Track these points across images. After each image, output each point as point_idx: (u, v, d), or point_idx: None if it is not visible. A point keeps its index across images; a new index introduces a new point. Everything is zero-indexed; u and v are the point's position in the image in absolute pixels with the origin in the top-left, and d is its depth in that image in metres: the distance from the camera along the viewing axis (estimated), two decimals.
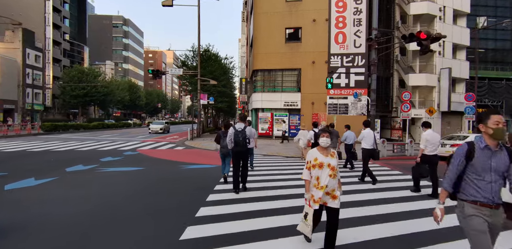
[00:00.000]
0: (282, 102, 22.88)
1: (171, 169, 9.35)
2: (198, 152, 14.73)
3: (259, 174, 8.67)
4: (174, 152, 14.46)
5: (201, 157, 12.71)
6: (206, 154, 14.04)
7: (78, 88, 45.12)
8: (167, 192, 6.40)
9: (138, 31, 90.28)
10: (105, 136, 24.44)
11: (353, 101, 21.76)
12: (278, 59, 22.85)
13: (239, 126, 6.30)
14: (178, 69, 24.87)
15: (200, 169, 9.59)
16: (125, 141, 19.88)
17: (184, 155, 13.27)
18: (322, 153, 3.46)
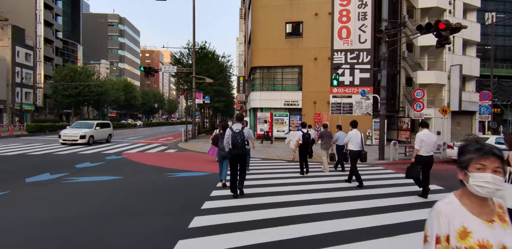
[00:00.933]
0: (282, 101, 21.52)
1: (155, 178, 7.94)
2: (191, 156, 13.33)
3: (256, 178, 7.29)
4: (163, 156, 13.03)
5: (193, 162, 11.31)
6: (200, 158, 12.63)
7: (70, 87, 43.56)
8: (144, 211, 4.99)
9: (135, 30, 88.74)
10: None
11: (358, 100, 20.44)
12: (278, 55, 21.48)
13: (236, 127, 5.89)
14: (172, 66, 23.45)
15: (191, 177, 8.18)
16: (113, 143, 18.46)
17: (175, 160, 11.85)
18: (477, 213, 1.36)
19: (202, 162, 11.34)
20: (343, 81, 20.77)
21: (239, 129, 5.85)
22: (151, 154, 13.68)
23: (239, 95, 28.67)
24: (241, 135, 5.77)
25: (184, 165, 10.46)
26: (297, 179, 8.13)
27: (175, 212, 4.98)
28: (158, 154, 13.79)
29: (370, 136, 20.15)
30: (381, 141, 13.58)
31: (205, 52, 29.80)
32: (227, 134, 5.89)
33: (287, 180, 7.93)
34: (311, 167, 10.24)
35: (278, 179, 8.08)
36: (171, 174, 8.49)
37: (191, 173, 8.83)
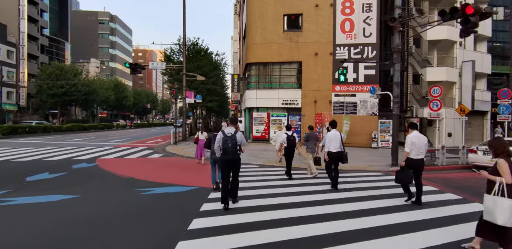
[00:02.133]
0: (280, 100, 19.78)
1: (124, 198, 6.12)
2: (177, 163, 11.50)
3: (251, 186, 5.54)
4: (145, 163, 11.18)
5: (178, 171, 9.49)
6: (188, 165, 10.82)
7: (56, 86, 41.29)
8: None
9: (126, 28, 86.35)
10: (75, 140, 21.01)
11: (363, 98, 18.80)
12: (275, 50, 19.75)
13: (228, 130, 5.43)
14: (160, 63, 21.58)
15: (172, 195, 6.38)
16: (93, 147, 16.54)
17: (157, 168, 10.02)
18: None
19: (189, 170, 9.54)
20: (347, 78, 19.07)
21: (232, 133, 5.37)
22: (130, 160, 11.81)
23: (233, 94, 26.85)
24: (232, 140, 5.29)
25: (166, 175, 8.65)
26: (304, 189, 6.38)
27: None
28: (139, 160, 11.92)
29: (376, 138, 18.50)
30: (394, 144, 11.92)
31: (197, 49, 27.97)
32: (218, 137, 5.44)
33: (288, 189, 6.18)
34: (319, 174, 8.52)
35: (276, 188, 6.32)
36: (147, 191, 6.66)
37: (173, 188, 7.03)
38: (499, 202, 3.32)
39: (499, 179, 3.39)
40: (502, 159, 3.46)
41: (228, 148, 5.24)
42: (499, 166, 3.44)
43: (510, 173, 3.35)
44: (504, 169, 3.37)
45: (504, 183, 3.37)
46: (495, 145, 3.60)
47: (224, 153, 5.30)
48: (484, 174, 3.62)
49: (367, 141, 18.76)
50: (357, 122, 18.69)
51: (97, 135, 26.62)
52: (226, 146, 5.25)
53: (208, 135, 6.97)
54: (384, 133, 18.70)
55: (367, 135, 18.73)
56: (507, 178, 3.34)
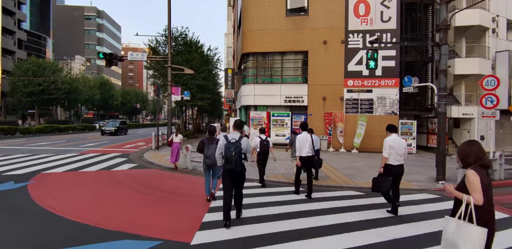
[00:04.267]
0: (282, 97, 16.73)
1: None
2: (150, 179, 8.32)
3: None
4: (101, 182, 7.96)
5: (143, 200, 6.32)
6: (163, 185, 7.67)
7: (32, 84, 37.64)
8: None
9: (115, 24, 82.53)
10: (38, 145, 17.71)
11: (380, 95, 15.87)
12: (277, 38, 16.71)
13: (232, 136, 4.73)
14: (141, 54, 18.34)
15: None
16: (51, 154, 13.30)
17: (112, 193, 6.84)
18: None
19: (161, 197, 6.39)
20: (361, 70, 16.15)
21: (236, 139, 4.66)
22: (83, 176, 8.60)
23: (227, 91, 23.71)
24: (236, 147, 4.55)
25: (119, 212, 5.47)
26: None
27: None
28: (96, 176, 8.71)
29: None
30: (440, 153, 8.93)
31: (186, 40, 24.80)
32: (220, 144, 4.75)
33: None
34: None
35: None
36: None
37: (124, 244, 3.91)
38: (464, 230, 2.45)
39: (466, 197, 2.46)
40: (472, 170, 2.50)
41: (231, 157, 4.55)
42: (467, 179, 2.49)
43: (481, 191, 2.43)
44: (474, 184, 2.46)
45: (472, 203, 2.44)
46: (466, 152, 2.63)
47: (227, 162, 4.63)
48: (448, 188, 2.67)
49: None
50: (374, 123, 15.74)
51: (71, 138, 23.23)
52: (229, 154, 4.57)
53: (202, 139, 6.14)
54: (406, 136, 15.77)
55: (385, 138, 15.75)
56: (477, 198, 2.44)
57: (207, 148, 5.89)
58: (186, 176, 9.01)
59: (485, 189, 2.48)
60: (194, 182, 8.01)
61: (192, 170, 9.93)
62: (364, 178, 8.83)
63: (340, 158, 13.32)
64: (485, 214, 2.48)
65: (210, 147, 5.81)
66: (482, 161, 2.56)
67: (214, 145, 5.65)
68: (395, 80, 15.82)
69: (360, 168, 10.78)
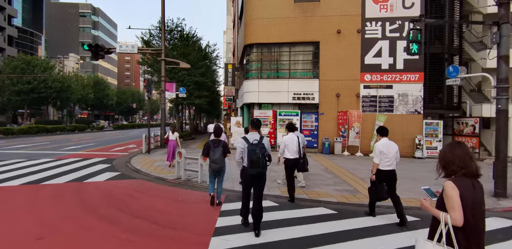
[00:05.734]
0: (290, 93, 14.82)
1: None
2: (131, 198, 6.35)
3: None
4: (60, 203, 5.97)
5: (119, 234, 4.37)
6: (153, 205, 5.72)
7: (21, 82, 35.61)
8: None
9: (111, 22, 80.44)
10: (17, 147, 15.82)
11: (402, 91, 13.99)
12: (284, 27, 14.80)
13: (252, 137, 4.37)
14: (131, 45, 16.43)
15: None
16: (23, 159, 11.37)
17: (69, 224, 4.89)
18: None
19: (142, 230, 4.44)
20: (380, 63, 14.26)
21: (257, 140, 4.29)
22: (43, 192, 6.64)
23: (227, 88, 21.75)
24: (261, 149, 4.22)
25: None
26: None
27: None
28: (59, 191, 6.75)
29: (420, 145, 13.65)
30: (500, 162, 7.03)
31: (182, 34, 22.87)
32: (241, 146, 4.37)
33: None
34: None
35: None
36: None
37: None
38: None
39: (443, 215, 2.02)
40: (450, 182, 2.06)
41: (258, 160, 4.15)
42: (444, 193, 2.05)
43: (461, 208, 1.97)
44: (452, 199, 2.00)
45: (450, 224, 1.99)
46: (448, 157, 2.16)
47: (253, 166, 4.18)
48: (424, 203, 2.20)
49: (408, 149, 13.92)
50: (394, 123, 13.85)
51: (57, 140, 21.23)
52: (255, 157, 4.15)
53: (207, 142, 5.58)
54: (431, 138, 13.88)
55: (408, 140, 13.90)
56: (454, 216, 1.98)
57: (212, 151, 5.41)
58: (177, 190, 7.06)
59: (469, 205, 1.97)
60: (187, 202, 6.08)
61: (186, 181, 8.00)
62: (409, 192, 6.95)
63: (360, 164, 11.39)
64: (467, 238, 1.97)
65: (215, 150, 5.40)
66: (467, 169, 2.07)
67: (220, 148, 5.39)
68: (418, 74, 13.93)
69: None
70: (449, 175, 2.14)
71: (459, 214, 1.97)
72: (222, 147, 5.50)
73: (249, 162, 4.23)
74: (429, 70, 14.38)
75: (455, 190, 2.01)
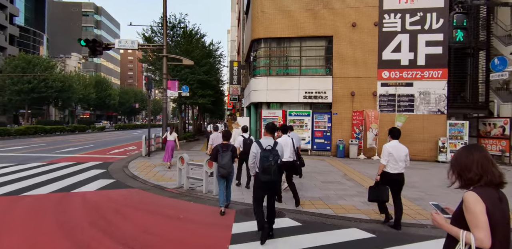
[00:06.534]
0: (301, 92, 13.73)
1: None
2: (121, 214, 5.29)
3: None
4: (34, 221, 4.93)
5: None
6: (147, 223, 4.67)
7: (21, 81, 34.83)
8: None
9: (114, 21, 79.81)
10: (10, 149, 15.03)
11: (423, 89, 12.86)
12: (294, 21, 13.73)
13: (266, 142, 4.20)
14: (130, 41, 15.42)
15: None
16: (13, 163, 10.48)
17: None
18: None
19: None
20: (399, 59, 13.13)
21: (271, 146, 4.10)
22: (20, 204, 5.63)
23: (233, 87, 20.70)
24: (274, 156, 3.99)
25: None
26: None
27: None
28: (39, 204, 5.73)
29: (444, 147, 12.50)
30: None
31: (185, 30, 21.85)
32: (254, 151, 4.18)
33: None
34: None
35: None
36: None
37: None
38: None
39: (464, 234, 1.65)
40: (473, 193, 1.68)
41: (270, 167, 3.92)
42: (465, 207, 1.68)
43: (488, 227, 1.60)
44: (476, 215, 1.63)
45: (473, 245, 1.60)
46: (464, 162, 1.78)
47: (265, 173, 3.96)
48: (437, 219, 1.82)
49: (431, 152, 12.79)
50: (415, 124, 12.75)
51: (54, 141, 20.31)
52: (267, 164, 3.93)
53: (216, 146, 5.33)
54: (455, 141, 12.71)
55: (430, 143, 12.76)
56: (480, 237, 1.60)
57: (221, 156, 5.19)
58: (178, 204, 6.01)
59: (497, 223, 1.62)
60: (189, 221, 5.02)
61: (189, 190, 6.96)
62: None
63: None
64: None
65: (224, 155, 5.17)
66: (489, 176, 1.70)
67: (228, 153, 5.17)
68: (442, 70, 12.78)
69: (422, 187, 7.75)
70: (466, 185, 1.77)
71: (486, 234, 1.60)
72: (231, 151, 5.23)
73: (260, 168, 4.04)
74: (452, 66, 13.22)
75: (480, 204, 1.65)
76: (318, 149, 13.67)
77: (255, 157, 4.21)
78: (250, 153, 4.26)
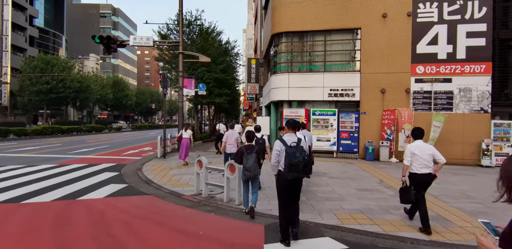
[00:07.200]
0: (326, 89, 12.72)
1: None
2: (130, 227, 4.48)
3: None
4: (28, 236, 4.23)
5: None
6: (159, 242, 3.85)
7: (40, 82, 35.20)
8: None
9: (130, 22, 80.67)
10: (24, 149, 14.67)
11: (464, 86, 11.60)
12: (318, 12, 12.75)
13: (290, 139, 3.99)
14: (146, 37, 14.80)
15: None
16: (23, 164, 9.99)
17: None
18: None
19: None
20: (436, 53, 11.92)
21: (296, 142, 3.90)
22: (17, 215, 4.93)
23: (251, 85, 19.85)
24: (301, 152, 3.82)
25: None
26: None
27: None
28: (38, 214, 5.02)
29: (489, 150, 11.21)
30: None
31: (202, 28, 21.18)
32: (278, 149, 3.97)
33: None
34: None
35: None
36: None
37: None
38: None
39: None
40: None
41: (298, 164, 3.76)
42: None
43: None
44: None
45: None
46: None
47: (292, 170, 3.78)
48: (484, 242, 1.49)
49: (472, 155, 11.52)
50: (454, 124, 11.52)
51: (69, 141, 20.05)
52: (295, 161, 3.76)
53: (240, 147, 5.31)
54: (501, 143, 11.39)
55: (471, 145, 11.49)
56: None
57: (245, 158, 5.02)
58: (197, 216, 5.18)
59: None
60: (210, 239, 4.15)
61: (208, 198, 6.14)
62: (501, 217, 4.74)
63: None
64: None
65: (249, 157, 4.99)
66: None
67: (253, 155, 4.98)
68: (485, 64, 11.49)
69: (479, 198, 6.63)
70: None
71: None
72: (255, 153, 5.04)
73: (287, 166, 3.84)
74: (496, 60, 11.91)
75: None
76: (344, 151, 12.61)
77: (278, 155, 4.00)
78: (273, 151, 4.06)
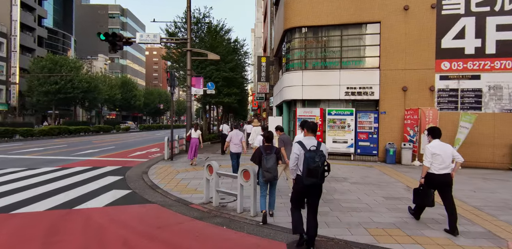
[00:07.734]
0: (342, 87, 11.94)
1: None
2: (127, 245, 3.84)
3: None
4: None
5: None
6: None
7: (48, 82, 35.11)
8: None
9: (139, 23, 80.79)
10: (28, 150, 14.25)
11: (494, 83, 10.69)
12: (333, 5, 11.98)
13: (309, 142, 3.76)
14: (153, 35, 14.22)
15: None
16: (23, 167, 9.46)
17: None
18: None
19: None
20: (463, 47, 11.04)
21: (315, 146, 3.66)
22: (4, 228, 4.32)
23: (261, 84, 19.13)
24: (321, 157, 3.56)
25: None
26: None
27: None
28: (26, 227, 4.39)
29: None
30: None
31: (210, 25, 20.58)
32: (297, 152, 3.74)
33: None
34: None
35: None
36: None
37: None
38: None
39: None
40: None
41: (317, 169, 3.51)
42: None
43: None
44: None
45: None
46: None
47: (310, 176, 3.54)
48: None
49: (503, 159, 10.61)
50: (483, 124, 10.63)
51: (76, 142, 19.63)
52: (314, 165, 3.51)
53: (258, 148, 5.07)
54: None
55: (502, 147, 10.59)
56: None
57: (265, 159, 4.73)
58: (206, 228, 4.50)
59: None
60: None
61: (219, 208, 5.46)
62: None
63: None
64: None
65: (268, 157, 4.72)
66: None
67: (273, 155, 4.76)
68: None
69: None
70: None
71: None
72: (274, 154, 4.82)
73: (305, 170, 3.61)
74: None
75: None
76: (362, 154, 11.82)
77: (297, 159, 3.79)
78: (292, 154, 3.86)
